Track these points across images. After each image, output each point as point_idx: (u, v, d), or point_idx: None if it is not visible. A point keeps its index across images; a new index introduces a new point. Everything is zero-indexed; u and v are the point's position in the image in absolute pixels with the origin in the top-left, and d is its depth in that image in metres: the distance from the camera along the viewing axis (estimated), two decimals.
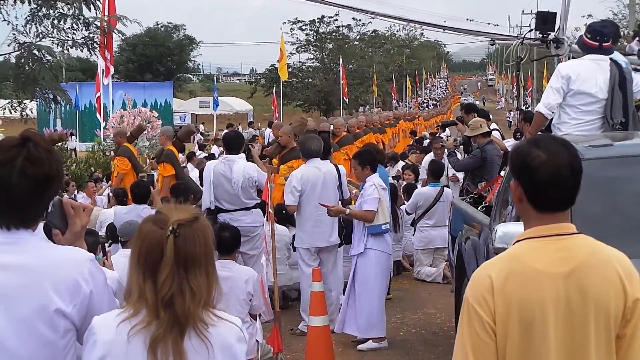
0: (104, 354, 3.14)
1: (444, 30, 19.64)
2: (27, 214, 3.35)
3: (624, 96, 8.47)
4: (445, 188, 14.32)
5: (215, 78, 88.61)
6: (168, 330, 3.09)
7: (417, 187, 15.16)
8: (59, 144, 25.10)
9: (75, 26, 16.21)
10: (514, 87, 70.52)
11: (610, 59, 8.61)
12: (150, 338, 3.09)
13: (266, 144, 29.64)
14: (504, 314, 3.17)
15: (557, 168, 3.21)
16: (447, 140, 16.70)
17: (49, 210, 3.51)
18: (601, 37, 8.62)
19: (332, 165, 11.11)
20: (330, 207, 10.32)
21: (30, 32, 16.10)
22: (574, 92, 8.44)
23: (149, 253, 3.12)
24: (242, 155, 11.13)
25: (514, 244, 3.35)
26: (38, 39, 16.11)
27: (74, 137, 45.85)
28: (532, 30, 12.85)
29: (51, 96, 17.40)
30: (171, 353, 3.10)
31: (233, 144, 11.25)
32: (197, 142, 34.59)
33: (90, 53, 16.97)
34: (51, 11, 15.88)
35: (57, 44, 16.28)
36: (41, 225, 3.46)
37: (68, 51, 16.44)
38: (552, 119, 8.74)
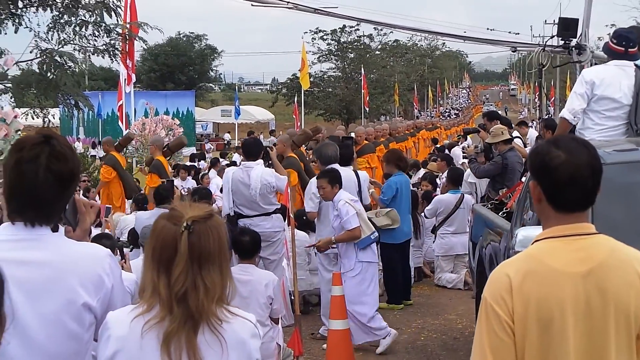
0: (118, 348, 3.15)
1: (464, 40, 19.62)
2: (51, 211, 3.41)
3: None
4: (465, 195, 14.28)
5: (237, 87, 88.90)
6: (182, 325, 3.10)
7: (436, 194, 15.16)
8: (81, 150, 25.30)
9: (97, 33, 16.28)
10: (537, 96, 70.28)
11: (635, 64, 8.54)
12: (163, 333, 3.10)
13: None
14: (522, 314, 3.14)
15: (576, 168, 3.18)
16: (468, 147, 16.68)
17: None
18: (627, 42, 8.56)
19: (351, 171, 11.10)
20: (316, 244, 10.36)
21: (52, 39, 16.23)
22: (597, 97, 8.38)
23: (163, 249, 3.14)
24: (260, 161, 11.13)
25: (532, 243, 3.33)
26: (60, 46, 16.21)
27: (97, 146, 46.02)
28: (554, 36, 12.80)
29: (73, 102, 17.47)
30: (184, 348, 3.10)
31: (251, 150, 11.25)
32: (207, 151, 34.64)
33: (112, 60, 16.99)
34: (73, 18, 15.96)
35: (79, 51, 16.39)
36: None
37: (89, 58, 16.56)
38: (576, 125, 8.69)
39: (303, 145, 15.97)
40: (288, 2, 19.75)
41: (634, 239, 3.31)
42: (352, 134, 17.83)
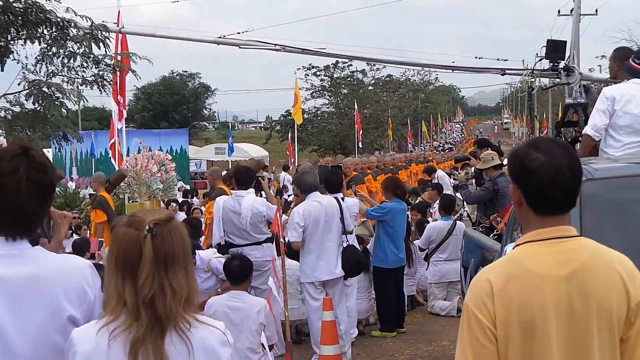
0: None
1: (452, 70, 19.71)
2: (32, 223, 3.39)
3: None
4: (457, 222, 14.25)
5: (230, 125, 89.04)
6: (149, 332, 3.06)
7: (428, 222, 15.13)
8: (71, 190, 25.28)
9: (85, 64, 16.30)
10: (529, 129, 70.76)
11: None
12: (130, 341, 3.06)
13: (281, 186, 29.74)
14: (505, 318, 3.10)
15: (557, 169, 3.16)
16: (459, 174, 16.69)
17: None
18: None
19: (332, 198, 11.06)
20: None
21: (40, 71, 16.23)
22: (618, 112, 8.36)
23: (127, 255, 3.11)
24: (251, 190, 11.11)
25: (513, 248, 3.29)
26: (48, 78, 16.21)
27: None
28: (542, 58, 12.84)
29: (62, 134, 17.43)
30: (152, 355, 3.06)
31: (242, 179, 11.21)
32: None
33: (101, 91, 16.95)
34: (61, 50, 15.98)
35: (67, 82, 16.38)
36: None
37: (78, 89, 16.51)
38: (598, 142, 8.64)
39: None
40: (276, 45, 20.00)
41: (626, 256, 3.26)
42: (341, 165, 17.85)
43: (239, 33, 21.18)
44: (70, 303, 3.33)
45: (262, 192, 12.03)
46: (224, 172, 15.90)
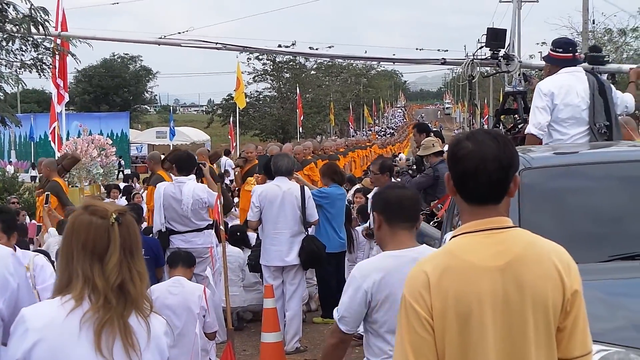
0: (38, 339, 3.11)
1: (394, 63, 19.89)
2: None
3: (605, 102, 8.43)
4: None
5: (172, 109, 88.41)
6: (120, 313, 3.16)
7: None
8: (10, 174, 24.90)
9: (24, 47, 16.07)
10: (470, 114, 71.20)
11: (590, 70, 8.64)
12: (96, 322, 3.13)
13: (222, 171, 29.61)
14: (441, 309, 3.13)
15: (481, 158, 3.17)
16: (400, 160, 16.76)
17: None
18: (573, 47, 8.70)
19: (296, 185, 11.06)
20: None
21: None
22: (559, 106, 8.38)
23: (96, 242, 3.19)
24: (193, 177, 11.06)
25: (450, 239, 3.33)
26: None
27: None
28: (482, 47, 12.95)
29: None
30: (118, 334, 3.15)
31: (183, 165, 11.14)
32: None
33: (40, 75, 16.72)
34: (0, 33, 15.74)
35: (5, 65, 16.12)
36: None
37: (17, 72, 16.25)
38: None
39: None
40: (217, 43, 20.24)
41: (563, 244, 3.29)
42: None
43: (179, 33, 21.41)
44: None
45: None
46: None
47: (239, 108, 45.07)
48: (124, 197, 20.80)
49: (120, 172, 39.54)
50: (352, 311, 5.07)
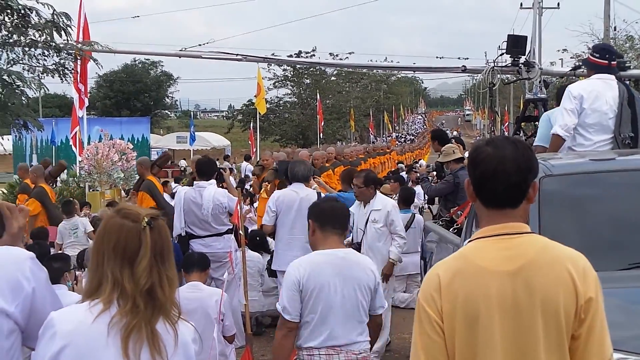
0: (66, 344, 3.09)
1: (414, 72, 20.02)
2: None
3: (633, 113, 8.39)
4: (415, 215, 14.28)
5: (192, 114, 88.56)
6: (147, 318, 3.14)
7: None
8: None
9: (47, 52, 16.17)
10: (491, 121, 70.84)
11: (616, 77, 8.60)
12: (124, 326, 3.11)
13: (243, 177, 29.65)
14: (450, 312, 3.17)
15: (499, 161, 3.20)
16: (421, 167, 16.73)
17: None
18: (610, 55, 8.63)
19: (313, 192, 11.07)
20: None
21: (0, 59, 16.11)
22: (587, 111, 8.34)
23: (128, 245, 3.18)
24: (213, 181, 11.10)
25: (466, 244, 3.35)
26: (9, 66, 16.06)
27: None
28: (503, 53, 12.90)
29: (22, 122, 17.28)
30: (145, 339, 3.13)
31: (204, 170, 11.20)
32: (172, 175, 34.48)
33: (62, 79, 16.82)
34: (22, 38, 15.84)
35: (28, 70, 16.24)
36: None
37: (39, 77, 16.38)
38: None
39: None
40: (237, 54, 20.46)
41: (583, 252, 3.28)
42: None
43: (200, 45, 21.59)
44: (1, 296, 3.30)
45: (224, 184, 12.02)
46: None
47: (259, 113, 45.13)
48: None
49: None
50: (289, 300, 5.94)
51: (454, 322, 3.16)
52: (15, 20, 15.77)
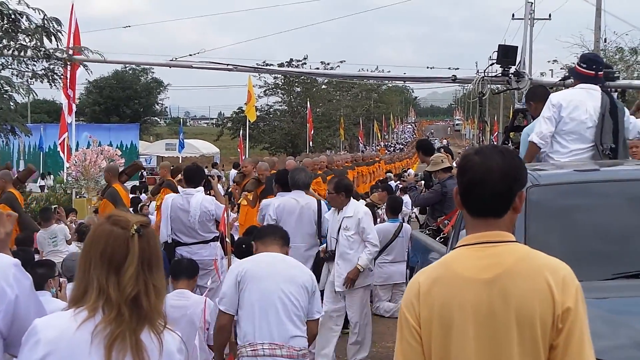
0: (49, 351, 3.06)
1: (404, 82, 20.11)
2: None
3: (615, 124, 8.37)
4: (403, 224, 14.28)
5: (182, 121, 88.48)
6: (131, 327, 3.10)
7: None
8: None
9: (36, 57, 16.11)
10: (480, 131, 71.17)
11: (601, 87, 8.60)
12: (108, 335, 3.07)
13: (231, 184, 29.55)
14: (428, 318, 3.19)
15: (486, 169, 3.21)
16: (409, 176, 16.75)
17: None
18: (597, 65, 8.62)
19: (313, 199, 11.02)
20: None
21: None
22: (565, 119, 8.35)
23: (115, 252, 3.14)
24: (201, 188, 11.09)
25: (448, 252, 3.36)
26: None
27: (47, 177, 45.38)
28: (493, 63, 12.92)
29: (9, 127, 17.20)
30: (129, 349, 3.09)
31: (192, 177, 11.18)
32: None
33: (51, 85, 16.76)
34: (12, 42, 15.77)
35: (17, 75, 16.19)
36: None
37: (28, 82, 16.33)
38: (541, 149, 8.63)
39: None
40: (228, 64, 20.58)
41: (568, 262, 3.26)
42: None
43: (190, 55, 21.63)
44: None
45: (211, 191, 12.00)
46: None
47: (249, 121, 45.12)
48: (131, 209, 20.83)
49: None
50: (227, 292, 6.69)
51: (431, 328, 3.19)
52: (5, 25, 15.72)
